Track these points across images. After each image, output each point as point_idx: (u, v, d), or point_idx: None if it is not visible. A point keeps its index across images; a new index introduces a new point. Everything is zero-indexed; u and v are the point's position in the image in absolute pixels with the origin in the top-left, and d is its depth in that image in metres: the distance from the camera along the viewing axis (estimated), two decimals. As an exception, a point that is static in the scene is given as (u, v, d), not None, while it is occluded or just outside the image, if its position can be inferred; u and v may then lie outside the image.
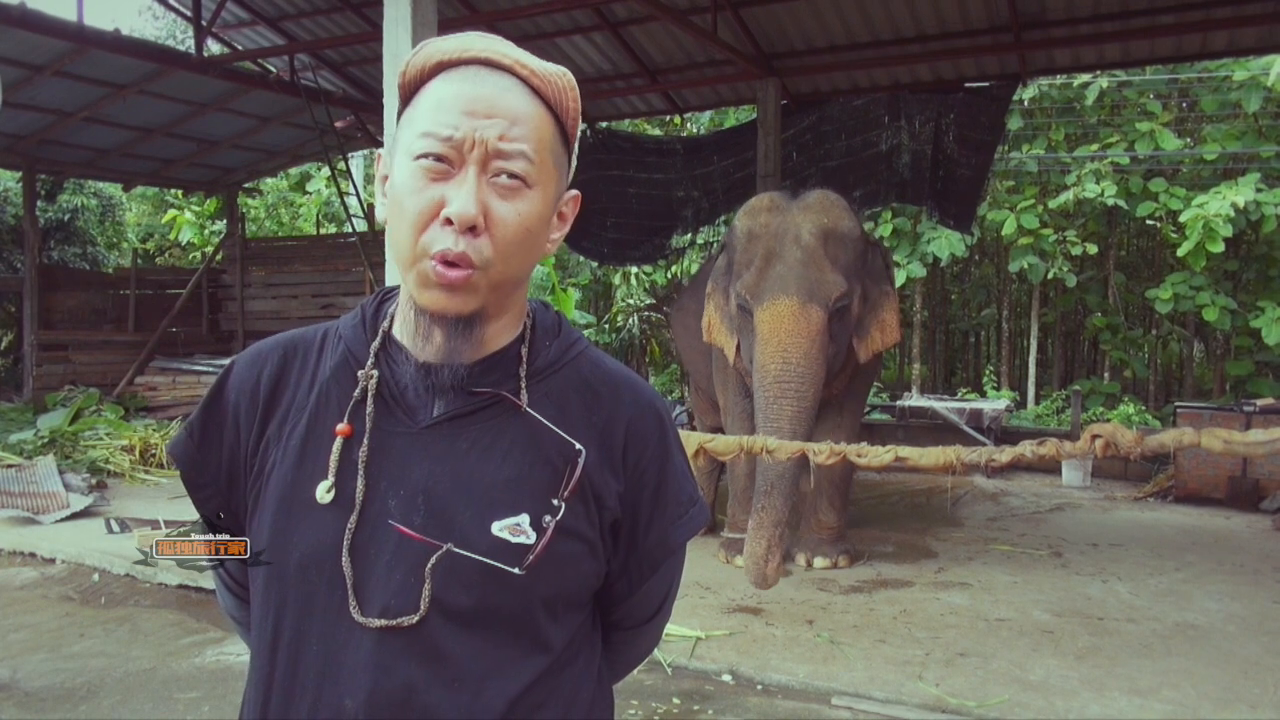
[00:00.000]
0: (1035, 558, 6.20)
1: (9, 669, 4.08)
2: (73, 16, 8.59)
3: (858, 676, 4.07)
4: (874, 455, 4.11)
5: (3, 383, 13.61)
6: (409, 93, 1.02)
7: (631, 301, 16.67)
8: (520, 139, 0.97)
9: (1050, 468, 9.15)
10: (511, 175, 0.97)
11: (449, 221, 0.95)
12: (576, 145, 1.08)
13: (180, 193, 16.78)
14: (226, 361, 1.20)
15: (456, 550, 0.98)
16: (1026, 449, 3.94)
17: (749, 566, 4.68)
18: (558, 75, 1.02)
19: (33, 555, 5.95)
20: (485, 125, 0.96)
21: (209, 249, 15.88)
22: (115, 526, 6.41)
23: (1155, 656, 4.35)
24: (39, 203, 13.35)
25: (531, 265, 1.04)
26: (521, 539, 1.00)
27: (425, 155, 0.96)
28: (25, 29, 8.06)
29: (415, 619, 0.97)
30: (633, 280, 16.65)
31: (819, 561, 5.85)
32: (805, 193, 5.61)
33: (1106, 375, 15.07)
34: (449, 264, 0.96)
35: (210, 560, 1.10)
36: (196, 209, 17.74)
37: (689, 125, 14.45)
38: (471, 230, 0.96)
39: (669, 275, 16.13)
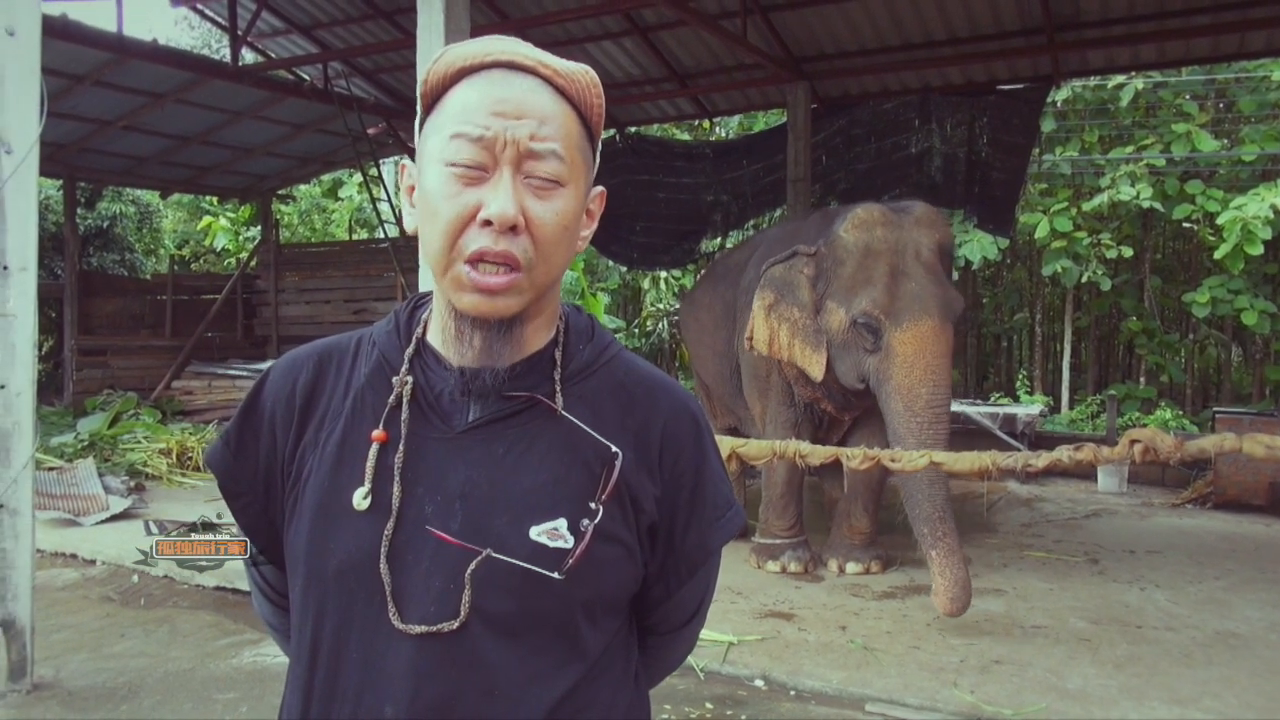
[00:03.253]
0: (1071, 564, 6.12)
1: (53, 669, 4.15)
2: (112, 27, 8.75)
3: (891, 683, 4.04)
4: (908, 460, 4.09)
5: (44, 387, 13.86)
6: (431, 100, 1.02)
7: (661, 306, 16.67)
8: (550, 138, 0.98)
9: (1085, 473, 9.02)
10: (545, 176, 0.98)
11: (487, 223, 0.95)
12: (600, 143, 1.08)
13: (215, 200, 17.03)
14: (260, 366, 1.21)
15: (496, 555, 0.98)
16: (1063, 454, 3.90)
17: (957, 595, 4.45)
18: (580, 73, 1.02)
19: (74, 556, 6.05)
20: (515, 125, 0.96)
21: (244, 255, 16.09)
22: (154, 528, 6.49)
23: (1196, 665, 4.28)
24: (79, 210, 13.62)
25: (568, 263, 1.05)
26: (560, 543, 0.99)
27: (458, 162, 0.96)
28: (66, 40, 8.21)
29: (456, 625, 0.97)
30: (662, 284, 16.65)
31: (851, 567, 5.81)
32: (906, 204, 5.45)
33: (1142, 380, 14.85)
34: (492, 266, 0.96)
35: (209, 561, 1.10)
36: (231, 215, 17.99)
37: (718, 129, 14.43)
38: (512, 230, 0.96)
39: (698, 279, 16.11)
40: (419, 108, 1.05)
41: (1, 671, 3.81)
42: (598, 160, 1.08)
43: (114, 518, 6.91)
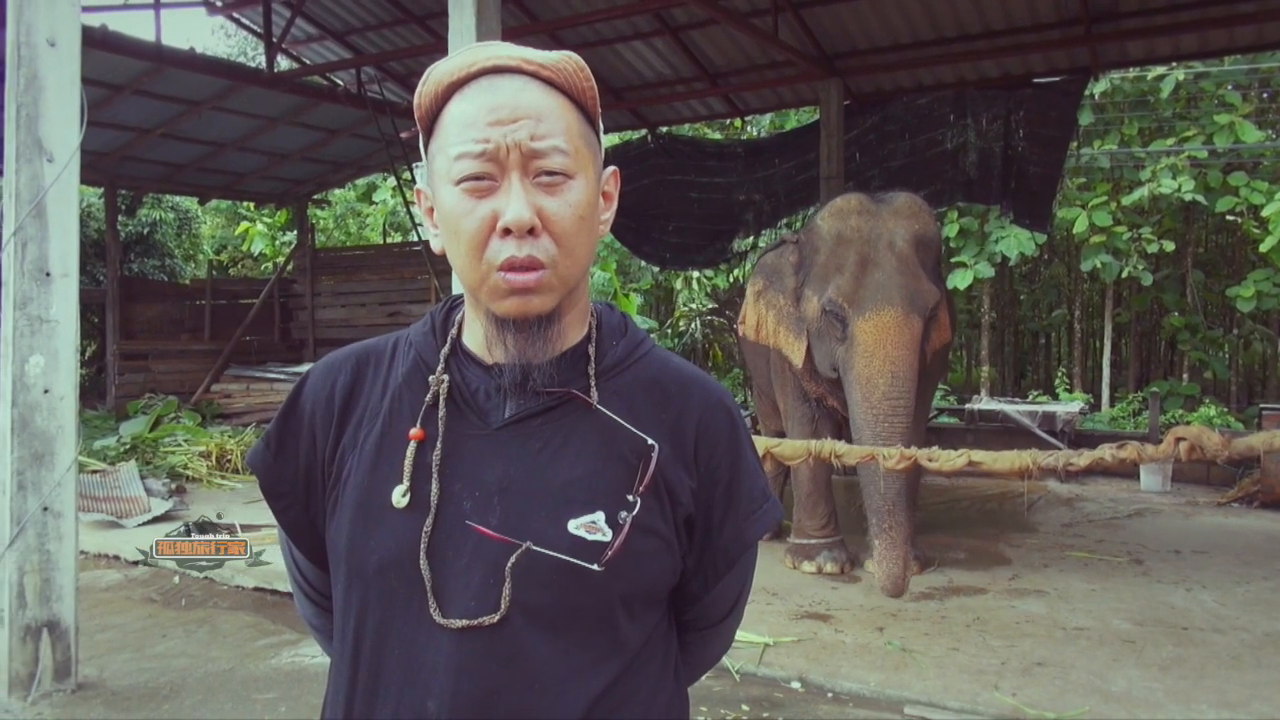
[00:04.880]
0: (1114, 565, 6.01)
1: (96, 668, 4.21)
2: (151, 37, 8.88)
3: (931, 685, 3.99)
4: (946, 459, 4.03)
5: (87, 391, 14.13)
6: (429, 123, 1.04)
7: (693, 306, 16.66)
8: (550, 134, 0.98)
9: (1127, 472, 8.88)
10: (552, 172, 0.99)
11: (507, 231, 0.97)
12: (601, 124, 1.09)
13: (252, 205, 17.26)
14: (298, 369, 1.22)
15: (535, 548, 0.98)
16: (1106, 452, 3.82)
17: (889, 585, 4.65)
18: (565, 60, 1.03)
19: (117, 558, 6.14)
20: (514, 130, 0.97)
21: (280, 259, 16.29)
22: (193, 530, 6.59)
23: (1244, 668, 4.18)
24: (119, 217, 13.85)
25: (593, 252, 1.06)
26: (598, 536, 1.00)
27: (466, 178, 0.98)
28: (106, 50, 8.35)
29: (496, 618, 0.98)
30: (694, 284, 16.63)
31: (888, 567, 5.74)
32: (890, 195, 5.43)
33: (1185, 376, 14.57)
34: (519, 269, 0.97)
35: (208, 562, 1.11)
36: (268, 221, 18.23)
37: (749, 128, 14.37)
38: (530, 233, 0.97)
39: (730, 279, 16.06)
40: (419, 131, 1.06)
41: (47, 671, 3.87)
42: (602, 142, 1.09)
43: (156, 519, 7.02)
